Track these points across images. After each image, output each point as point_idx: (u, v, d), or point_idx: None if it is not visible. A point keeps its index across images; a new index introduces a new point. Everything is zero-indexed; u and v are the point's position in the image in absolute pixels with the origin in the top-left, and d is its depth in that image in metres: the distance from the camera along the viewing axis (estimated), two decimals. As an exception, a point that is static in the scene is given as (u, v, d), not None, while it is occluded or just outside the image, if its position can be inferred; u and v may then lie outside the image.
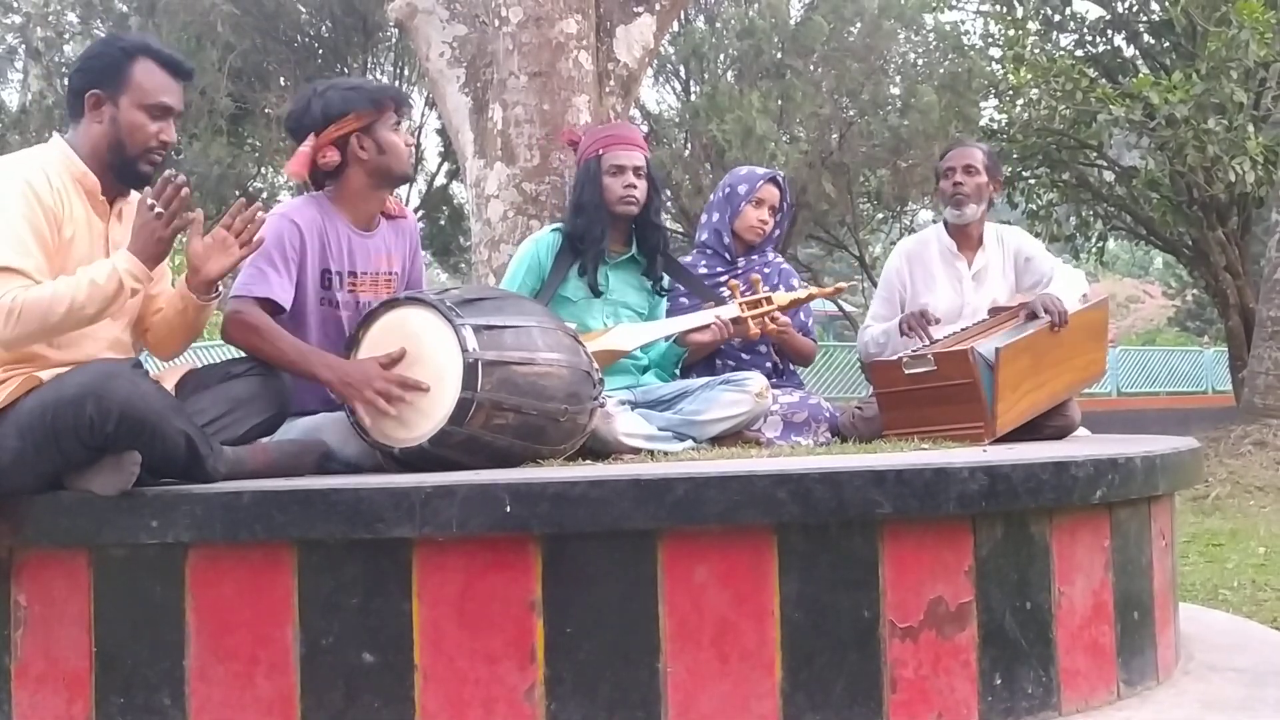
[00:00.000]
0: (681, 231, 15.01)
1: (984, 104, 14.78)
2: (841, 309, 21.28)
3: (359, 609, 2.34)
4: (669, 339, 3.71)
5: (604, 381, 3.03)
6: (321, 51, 15.84)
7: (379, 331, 2.87)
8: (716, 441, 3.43)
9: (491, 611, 2.31)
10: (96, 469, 2.42)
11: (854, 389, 16.85)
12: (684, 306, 3.91)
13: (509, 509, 2.27)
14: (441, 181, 17.85)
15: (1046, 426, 3.52)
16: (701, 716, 2.31)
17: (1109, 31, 14.33)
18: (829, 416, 3.79)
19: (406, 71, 16.43)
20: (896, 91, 15.66)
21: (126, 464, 2.39)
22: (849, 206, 16.57)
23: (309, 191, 3.19)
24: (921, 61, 15.83)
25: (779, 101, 14.39)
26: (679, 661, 2.31)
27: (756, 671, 2.33)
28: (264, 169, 15.58)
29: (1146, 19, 14.03)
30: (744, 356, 4.00)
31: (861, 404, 3.84)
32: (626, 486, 2.30)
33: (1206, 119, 10.88)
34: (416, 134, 17.48)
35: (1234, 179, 10.91)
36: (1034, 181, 14.09)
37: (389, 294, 3.12)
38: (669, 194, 15.38)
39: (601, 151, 3.66)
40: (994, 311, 3.80)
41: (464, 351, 2.69)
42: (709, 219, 4.15)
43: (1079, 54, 13.82)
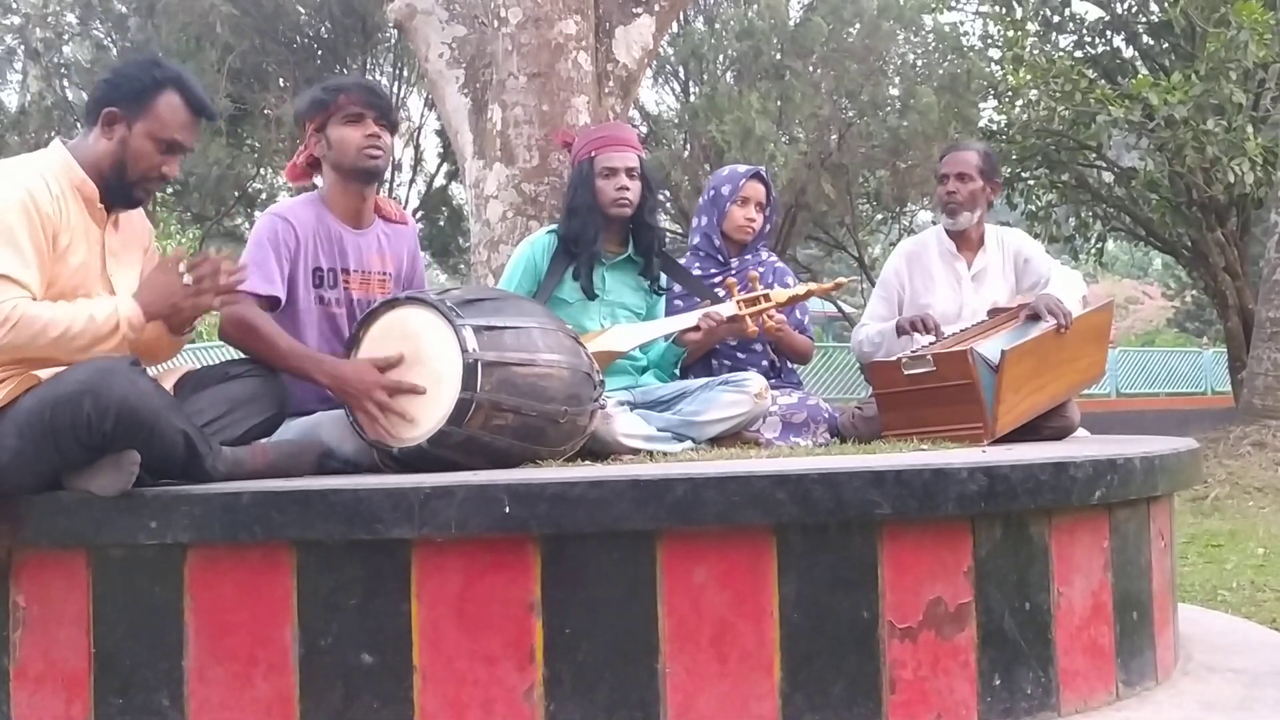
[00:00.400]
0: (681, 232, 15.01)
1: (983, 105, 14.79)
2: (841, 310, 21.28)
3: (358, 610, 2.34)
4: (667, 338, 3.71)
5: (604, 382, 3.03)
6: (321, 52, 15.84)
7: (379, 331, 2.87)
8: (715, 442, 3.43)
9: (490, 612, 2.31)
10: (95, 469, 2.42)
11: (853, 390, 16.87)
12: (679, 308, 3.91)
13: (508, 510, 2.27)
14: (441, 182, 17.85)
15: (1046, 427, 3.52)
16: (700, 717, 2.31)
17: (1108, 32, 14.34)
18: (828, 417, 3.79)
19: (406, 72, 16.44)
20: (895, 92, 15.66)
21: (125, 464, 2.39)
22: (848, 207, 16.57)
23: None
24: (921, 62, 15.83)
25: (778, 102, 14.40)
26: (678, 662, 2.31)
27: (755, 672, 2.33)
28: (263, 170, 15.58)
29: (1145, 20, 14.03)
30: (740, 356, 4.00)
31: (860, 405, 3.83)
32: (625, 487, 2.30)
33: (1205, 120, 10.88)
34: (415, 134, 17.50)
35: (1233, 180, 10.91)
36: (1033, 182, 14.09)
37: (382, 293, 3.15)
38: (668, 195, 15.40)
39: (594, 154, 3.66)
40: (993, 313, 3.80)
41: (464, 352, 2.69)
42: (698, 223, 4.16)
43: (1078, 55, 13.83)
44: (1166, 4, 12.71)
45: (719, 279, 3.96)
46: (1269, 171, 11.03)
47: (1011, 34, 12.85)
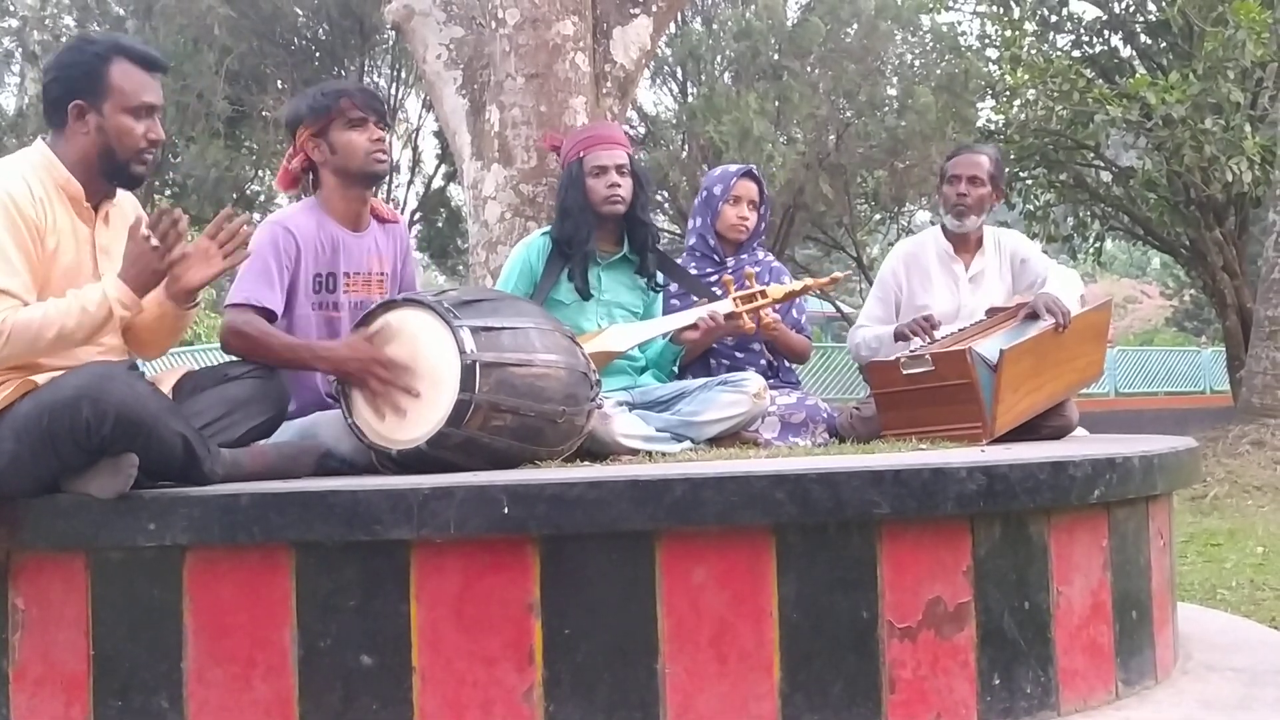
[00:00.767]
0: (679, 233, 15.02)
1: (981, 105, 14.80)
2: (839, 310, 21.29)
3: (357, 611, 2.34)
4: (665, 337, 3.71)
5: (601, 383, 3.03)
6: (318, 54, 15.86)
7: (377, 334, 2.86)
8: (714, 442, 3.43)
9: (490, 613, 2.31)
10: (94, 472, 2.42)
11: (852, 390, 16.87)
12: (676, 307, 3.91)
13: (507, 510, 2.27)
14: (439, 184, 17.86)
15: (1044, 427, 3.52)
16: (700, 717, 2.31)
17: (1106, 32, 14.34)
18: (826, 417, 3.79)
19: (404, 74, 16.45)
20: (893, 92, 15.69)
21: (124, 467, 2.39)
22: (846, 207, 16.59)
23: (308, 196, 3.22)
24: (918, 62, 15.86)
25: (776, 103, 14.41)
26: (677, 662, 2.31)
27: (755, 672, 2.32)
28: (261, 172, 15.60)
29: (1143, 19, 14.03)
30: (738, 356, 4.00)
31: (859, 405, 3.83)
32: (624, 487, 2.30)
33: (1203, 119, 10.88)
34: (413, 135, 17.50)
35: (1231, 179, 10.91)
36: (1031, 182, 14.09)
37: (380, 293, 3.15)
38: (666, 196, 15.41)
39: (583, 154, 3.65)
40: (991, 312, 3.79)
41: (462, 353, 2.69)
42: (693, 224, 4.17)
43: (1076, 54, 13.82)
44: (1164, 3, 12.72)
45: (715, 277, 3.96)
46: (1267, 170, 11.03)
47: (1009, 34, 12.85)
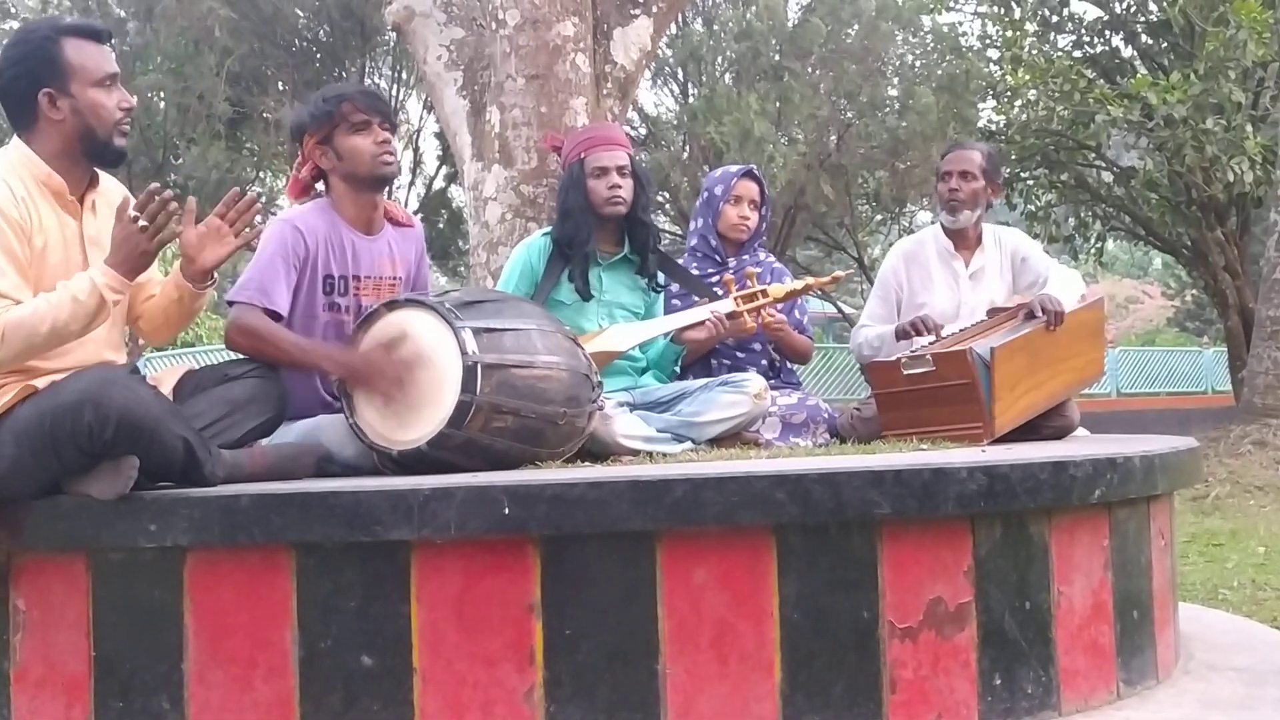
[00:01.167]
0: (680, 234, 15.02)
1: (982, 105, 14.81)
2: (840, 311, 21.30)
3: (357, 612, 2.34)
4: (666, 336, 3.71)
5: (602, 384, 3.03)
6: (319, 56, 15.87)
7: (378, 334, 2.87)
8: (715, 443, 3.42)
9: (490, 614, 2.31)
10: (94, 474, 2.42)
11: (853, 390, 16.86)
12: (677, 307, 3.91)
13: (507, 511, 2.27)
14: (440, 185, 17.87)
15: (1045, 427, 3.52)
16: (700, 718, 2.30)
17: (1107, 32, 14.34)
18: (827, 418, 3.79)
19: (404, 75, 16.46)
20: (894, 93, 15.69)
21: (124, 468, 2.39)
22: (847, 208, 16.59)
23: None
24: (919, 63, 15.86)
25: (777, 103, 14.42)
26: (678, 663, 2.31)
27: (756, 673, 2.32)
28: (262, 173, 15.61)
29: (1144, 19, 14.03)
30: (739, 356, 4.00)
31: (860, 405, 3.83)
32: (625, 488, 2.30)
33: (1205, 119, 10.88)
34: (414, 136, 17.50)
35: (1232, 179, 10.91)
36: (1032, 182, 14.09)
37: (392, 297, 3.14)
38: (666, 196, 15.41)
39: (584, 155, 3.64)
40: (992, 312, 3.79)
41: (463, 354, 2.69)
42: (695, 225, 4.18)
43: (1077, 55, 13.83)
44: (1165, 3, 12.71)
45: (717, 278, 3.96)
46: (1268, 170, 11.03)
47: (1010, 34, 12.86)
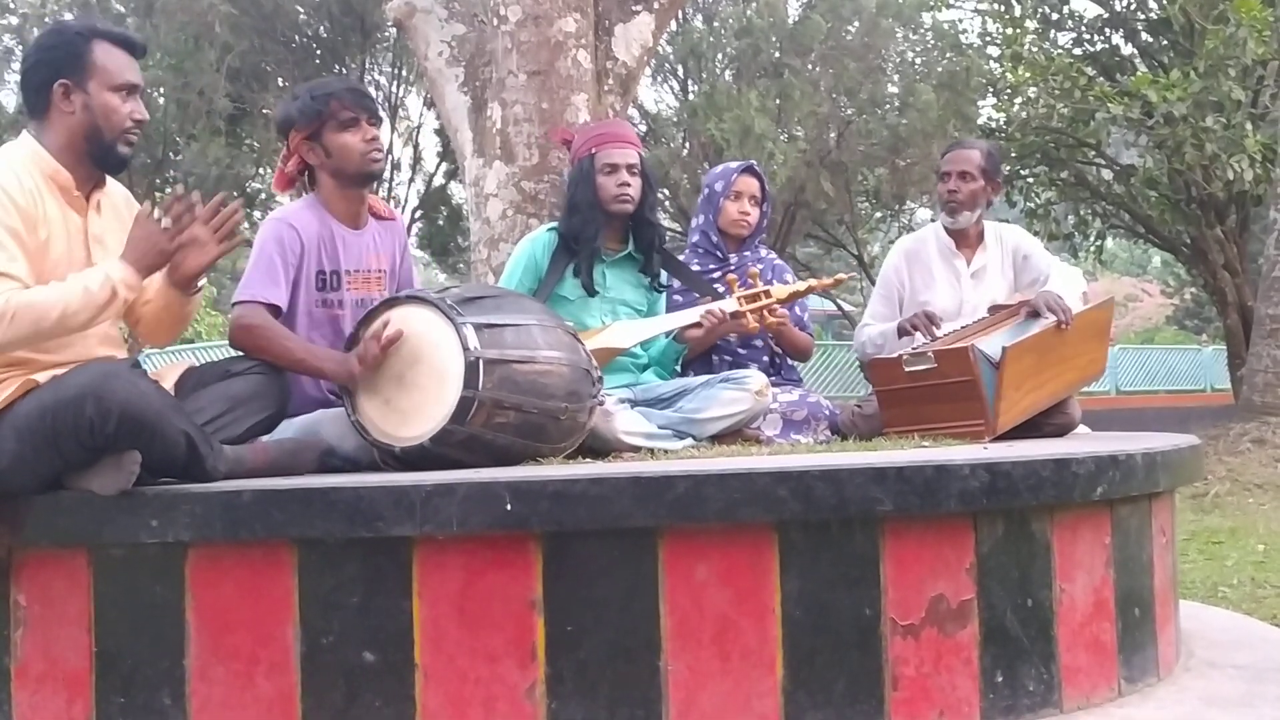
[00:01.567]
0: (680, 231, 15.00)
1: (982, 102, 14.79)
2: (840, 308, 21.29)
3: (359, 608, 2.34)
4: (669, 335, 3.71)
5: (603, 380, 3.03)
6: (320, 51, 15.85)
7: (378, 330, 2.86)
8: (716, 439, 3.43)
9: (492, 610, 2.31)
10: (96, 469, 2.42)
11: (853, 388, 16.88)
12: (680, 304, 3.91)
13: (509, 507, 2.27)
14: (440, 181, 17.85)
15: (1047, 424, 3.52)
16: (702, 714, 2.30)
17: (1107, 29, 14.34)
18: (828, 414, 3.79)
19: (405, 71, 16.44)
20: (894, 90, 15.67)
21: (126, 464, 2.39)
22: (847, 205, 16.58)
23: (306, 194, 3.22)
24: (919, 60, 15.84)
25: (777, 100, 14.40)
26: (680, 660, 2.31)
27: (757, 669, 2.32)
28: (262, 169, 15.58)
29: (1144, 17, 14.03)
30: (740, 353, 4.00)
31: (861, 402, 3.83)
32: (627, 484, 2.30)
33: (1204, 117, 10.87)
34: (415, 133, 17.48)
35: (1232, 177, 10.90)
36: (1032, 180, 14.09)
37: (380, 290, 3.16)
38: (667, 193, 15.40)
39: (594, 150, 3.65)
40: (994, 309, 3.79)
41: (465, 350, 2.69)
42: (696, 221, 4.19)
43: (1077, 52, 13.82)
44: (1165, 1, 12.71)
45: (719, 275, 3.96)
46: (1268, 168, 11.02)
47: (1010, 31, 12.85)
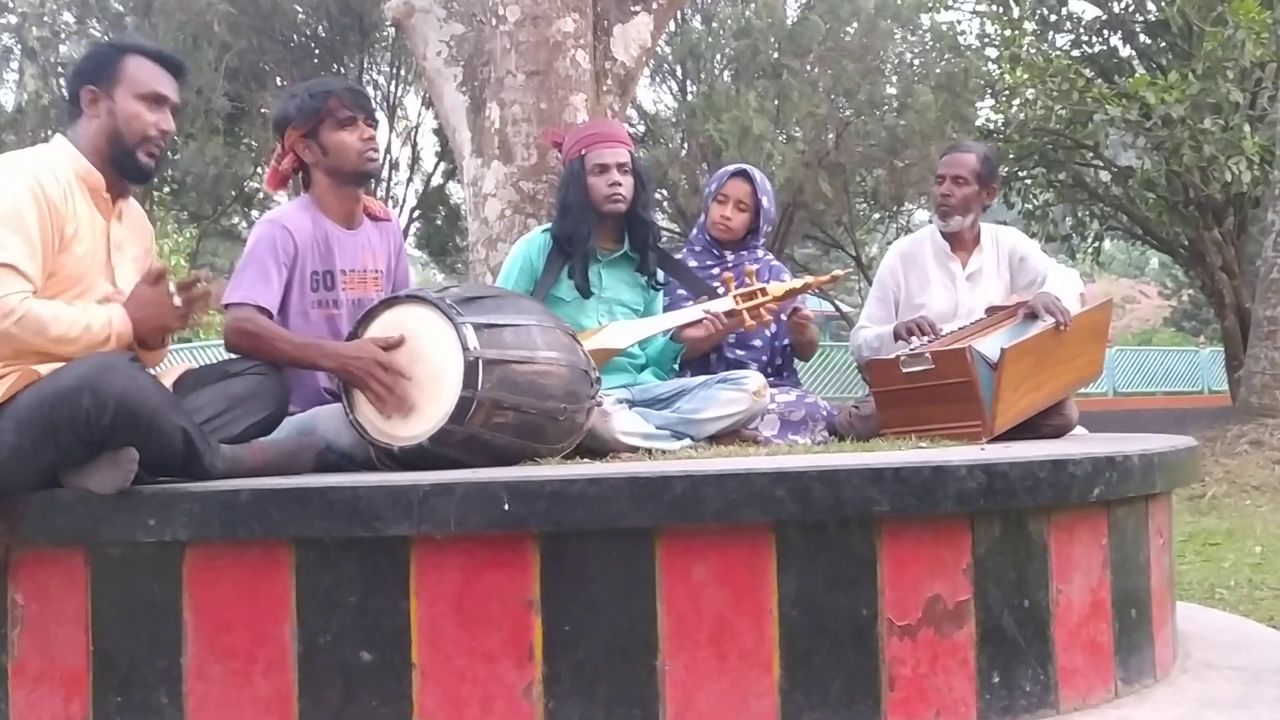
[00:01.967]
0: (678, 231, 15.02)
1: (980, 104, 14.81)
2: (838, 309, 21.30)
3: (357, 607, 2.34)
4: (666, 334, 3.71)
5: (601, 380, 3.03)
6: (318, 51, 15.86)
7: (379, 329, 2.87)
8: (714, 440, 3.43)
9: (489, 610, 2.31)
10: (94, 466, 2.42)
11: (850, 389, 16.89)
12: (684, 298, 3.90)
13: (507, 507, 2.27)
14: (438, 181, 17.85)
15: (1044, 425, 3.52)
16: (699, 715, 2.31)
17: (1105, 31, 14.35)
18: (826, 415, 3.79)
19: (403, 71, 16.45)
20: (893, 91, 15.69)
21: (124, 461, 2.39)
22: (845, 206, 16.60)
23: (300, 193, 3.23)
24: (918, 61, 15.86)
25: (775, 101, 14.41)
26: (677, 660, 2.31)
27: (754, 670, 2.33)
28: (260, 168, 15.58)
29: (1143, 19, 14.04)
30: (739, 353, 4.00)
31: (858, 403, 3.83)
32: (624, 485, 2.30)
33: (1203, 119, 10.88)
34: (413, 133, 17.48)
35: (1230, 179, 10.92)
36: (1030, 181, 14.10)
37: (376, 290, 3.16)
38: (665, 194, 15.41)
39: (584, 151, 3.64)
40: (991, 311, 3.79)
41: (464, 350, 2.69)
42: (700, 220, 4.20)
43: (1075, 54, 13.83)
44: (1164, 3, 12.72)
45: (716, 271, 3.96)
46: (1266, 170, 11.03)
47: (1009, 33, 12.86)
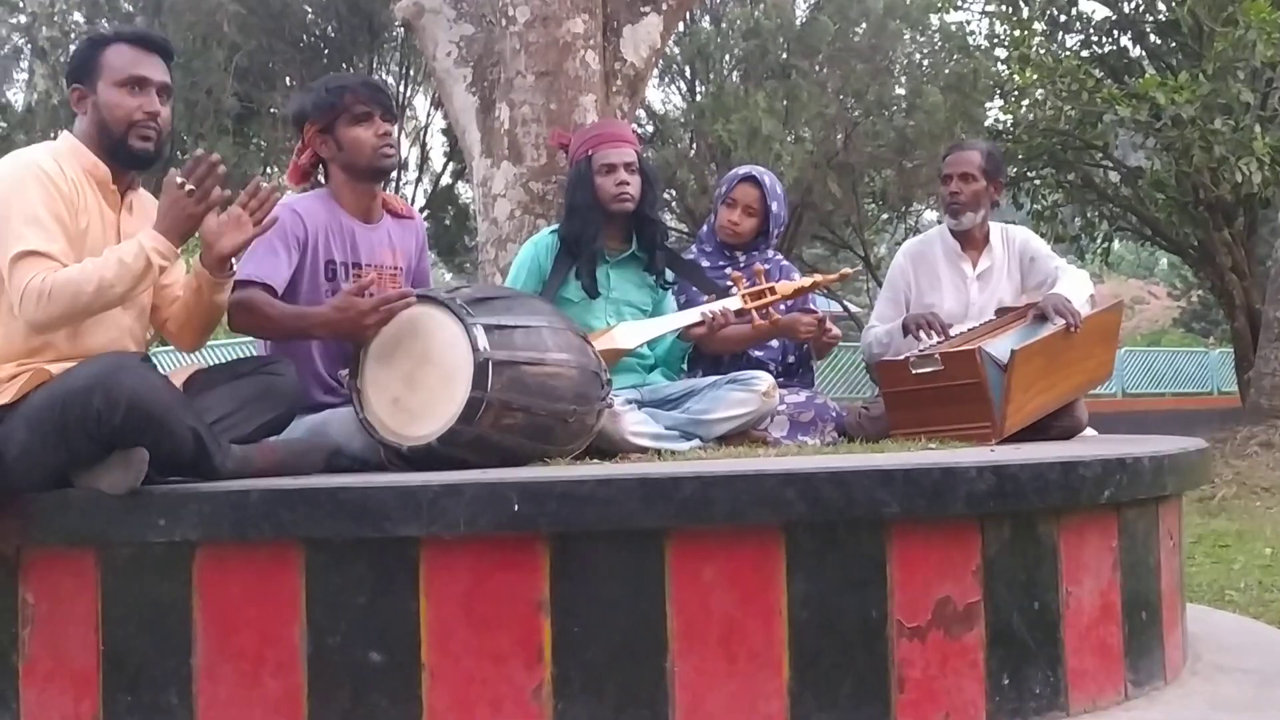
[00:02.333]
0: (687, 231, 15.01)
1: (989, 104, 14.77)
2: (847, 309, 21.22)
3: (366, 608, 2.34)
4: (674, 334, 3.71)
5: (611, 381, 3.03)
6: (327, 51, 15.87)
7: (390, 329, 2.87)
8: (723, 440, 3.43)
9: (499, 610, 2.31)
10: (105, 467, 2.42)
11: (860, 389, 16.87)
12: (701, 298, 3.89)
13: (517, 508, 2.27)
14: (447, 181, 17.87)
15: (1053, 426, 3.52)
16: (709, 716, 2.30)
17: (1115, 32, 14.30)
18: (835, 416, 3.78)
19: (413, 71, 16.46)
20: (902, 92, 15.67)
21: (135, 462, 2.39)
22: (854, 207, 16.58)
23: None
24: (927, 62, 15.83)
25: (784, 102, 14.40)
26: (686, 661, 2.31)
27: (764, 671, 2.32)
28: (269, 169, 15.60)
29: (1153, 19, 14.00)
30: (756, 353, 3.99)
31: (867, 404, 3.83)
32: (634, 485, 2.30)
33: (1213, 119, 10.85)
34: (422, 133, 17.49)
35: (1240, 180, 10.87)
36: (1039, 182, 14.06)
37: (394, 287, 3.15)
38: (674, 194, 15.40)
39: (591, 152, 3.64)
40: (1001, 312, 3.79)
41: (475, 351, 2.69)
42: (710, 219, 4.19)
43: (1085, 54, 13.79)
44: (1174, 3, 12.68)
45: (725, 269, 3.96)
46: (1276, 171, 10.99)
47: (1018, 33, 12.82)
